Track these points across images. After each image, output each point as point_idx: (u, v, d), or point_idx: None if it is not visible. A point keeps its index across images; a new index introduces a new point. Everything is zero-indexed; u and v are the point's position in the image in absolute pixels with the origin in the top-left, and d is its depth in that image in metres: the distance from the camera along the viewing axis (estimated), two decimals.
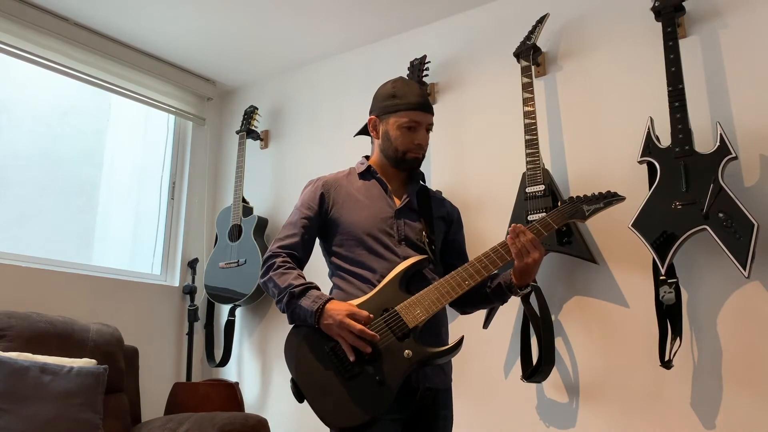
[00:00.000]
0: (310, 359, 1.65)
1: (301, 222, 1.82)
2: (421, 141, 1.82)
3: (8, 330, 2.48)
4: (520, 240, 1.68)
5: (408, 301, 1.66)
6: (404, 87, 1.84)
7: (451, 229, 1.93)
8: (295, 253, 1.80)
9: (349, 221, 1.80)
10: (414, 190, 1.88)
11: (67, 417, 2.37)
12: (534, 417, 2.57)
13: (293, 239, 1.80)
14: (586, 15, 2.78)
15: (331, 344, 1.63)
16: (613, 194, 1.79)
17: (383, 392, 1.57)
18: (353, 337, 1.59)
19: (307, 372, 1.64)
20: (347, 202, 1.83)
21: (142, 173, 3.85)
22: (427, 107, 1.83)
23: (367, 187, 1.86)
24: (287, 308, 1.69)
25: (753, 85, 2.33)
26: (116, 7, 3.18)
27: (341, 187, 1.86)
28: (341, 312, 1.61)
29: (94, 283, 3.22)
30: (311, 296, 1.66)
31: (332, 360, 1.62)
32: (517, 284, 1.74)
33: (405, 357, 1.60)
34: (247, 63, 3.73)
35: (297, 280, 1.70)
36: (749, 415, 2.15)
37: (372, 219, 1.79)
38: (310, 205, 1.84)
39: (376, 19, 3.24)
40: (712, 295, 2.28)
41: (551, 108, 2.79)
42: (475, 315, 2.71)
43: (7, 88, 3.25)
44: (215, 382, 3.19)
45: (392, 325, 1.63)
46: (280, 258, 1.77)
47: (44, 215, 3.31)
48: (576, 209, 1.77)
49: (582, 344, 2.52)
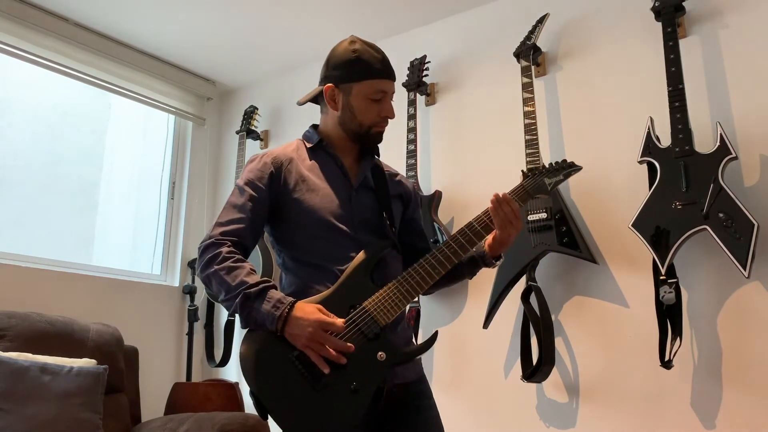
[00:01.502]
0: (272, 369, 1.42)
1: (247, 205, 1.55)
2: (388, 113, 1.61)
3: (8, 330, 2.48)
4: (503, 209, 1.55)
5: (376, 296, 1.48)
6: (367, 51, 1.60)
7: (409, 207, 1.76)
8: (241, 242, 1.54)
9: (303, 206, 1.56)
10: (368, 166, 1.67)
11: (67, 417, 2.37)
12: (534, 417, 2.57)
13: (239, 225, 1.53)
14: (586, 15, 2.78)
15: (296, 352, 1.42)
16: (570, 164, 1.70)
17: (357, 401, 1.40)
18: (327, 351, 1.39)
19: (270, 383, 1.41)
20: (300, 183, 1.58)
21: (142, 173, 3.85)
22: (392, 74, 1.62)
23: (321, 164, 1.63)
24: (241, 311, 1.45)
25: (753, 85, 2.33)
26: (117, 8, 3.18)
27: (293, 165, 1.61)
28: (311, 323, 1.39)
29: (94, 283, 3.22)
30: (272, 299, 1.43)
31: (299, 369, 1.41)
32: (491, 254, 1.64)
33: (378, 360, 1.43)
34: (247, 63, 3.73)
35: (250, 277, 1.46)
36: (749, 415, 2.15)
37: (328, 203, 1.57)
38: (258, 185, 1.57)
39: (376, 19, 3.24)
40: (712, 295, 2.28)
41: (551, 108, 2.79)
42: (475, 314, 2.72)
43: (7, 88, 3.25)
44: (215, 382, 3.19)
45: (362, 325, 1.44)
46: (225, 247, 1.50)
47: (44, 215, 3.31)
48: (539, 183, 1.65)
49: (582, 344, 2.52)
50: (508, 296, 2.58)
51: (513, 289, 2.57)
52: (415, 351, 1.50)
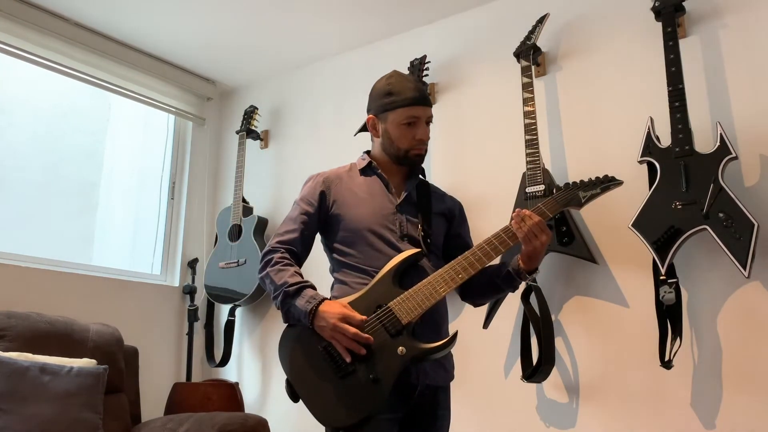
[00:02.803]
0: (303, 358, 1.65)
1: (300, 218, 1.81)
2: (422, 136, 1.79)
3: (8, 330, 2.48)
4: (526, 224, 1.65)
5: (401, 297, 1.64)
6: (400, 82, 1.80)
7: (453, 224, 1.91)
8: (293, 249, 1.78)
9: (350, 218, 1.78)
10: (413, 184, 1.86)
11: (67, 417, 2.37)
12: (534, 417, 2.57)
13: (292, 235, 1.79)
14: (586, 15, 2.78)
15: (324, 343, 1.63)
16: (611, 178, 1.73)
17: (377, 390, 1.56)
18: (347, 340, 1.58)
19: (301, 371, 1.64)
20: (348, 198, 1.81)
21: (142, 173, 3.85)
22: (424, 101, 1.79)
23: (368, 183, 1.84)
24: (282, 307, 1.69)
25: (753, 85, 2.33)
26: (116, 8, 3.18)
27: (342, 183, 1.84)
28: (334, 315, 1.60)
29: (94, 283, 3.22)
30: (306, 296, 1.65)
31: (325, 359, 1.62)
32: (525, 269, 1.71)
33: (398, 354, 1.59)
34: (247, 63, 3.73)
35: (293, 278, 1.69)
36: (749, 415, 2.15)
37: (373, 215, 1.77)
38: (310, 201, 1.82)
39: (376, 19, 3.24)
40: (712, 295, 2.28)
41: (551, 108, 2.79)
42: (475, 314, 2.71)
43: (8, 88, 3.26)
44: (215, 382, 3.19)
45: (385, 322, 1.62)
46: (278, 254, 1.75)
47: (44, 215, 3.31)
48: (572, 196, 1.73)
49: (582, 344, 2.52)
50: (508, 296, 2.57)
51: None
52: (434, 348, 1.62)
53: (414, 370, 1.65)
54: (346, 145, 3.40)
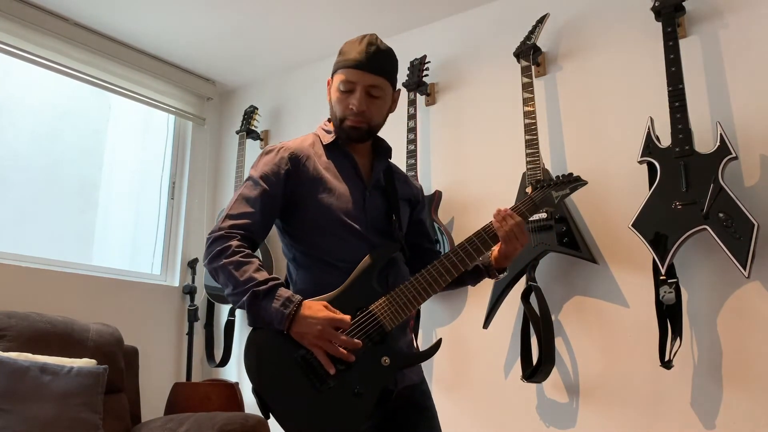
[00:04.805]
0: (276, 368, 1.41)
1: (260, 199, 1.53)
2: (354, 104, 1.55)
3: (8, 330, 2.48)
4: (507, 223, 1.56)
5: (383, 300, 1.48)
6: (353, 43, 1.58)
7: (416, 209, 1.77)
8: (250, 236, 1.52)
9: (316, 204, 1.55)
10: (381, 167, 1.68)
11: (67, 417, 2.37)
12: (534, 417, 2.57)
13: (250, 219, 1.52)
14: (586, 15, 2.78)
15: (302, 352, 1.41)
16: (576, 178, 1.69)
17: (360, 404, 1.40)
18: (334, 348, 1.39)
19: (274, 383, 1.41)
20: (316, 180, 1.57)
21: (142, 173, 3.85)
22: (364, 65, 1.54)
23: (335, 162, 1.62)
24: (249, 308, 1.43)
25: (753, 85, 2.33)
26: (116, 7, 3.18)
27: (310, 162, 1.59)
28: (320, 320, 1.39)
29: (94, 283, 3.22)
30: (280, 297, 1.42)
31: (303, 369, 1.40)
32: (496, 267, 1.66)
33: (383, 365, 1.43)
34: (247, 63, 3.73)
35: (259, 274, 1.44)
36: (749, 415, 2.15)
37: (343, 203, 1.56)
38: (272, 180, 1.55)
39: (376, 19, 3.24)
40: (712, 295, 2.28)
41: (551, 108, 2.79)
42: (474, 314, 2.72)
43: (7, 88, 3.25)
44: (215, 382, 3.19)
45: (368, 329, 1.45)
46: (234, 241, 1.48)
47: (44, 215, 3.31)
48: (545, 195, 1.66)
49: (582, 344, 2.52)
50: (508, 296, 2.58)
51: (513, 289, 2.57)
52: (419, 356, 1.52)
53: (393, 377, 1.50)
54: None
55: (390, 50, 1.60)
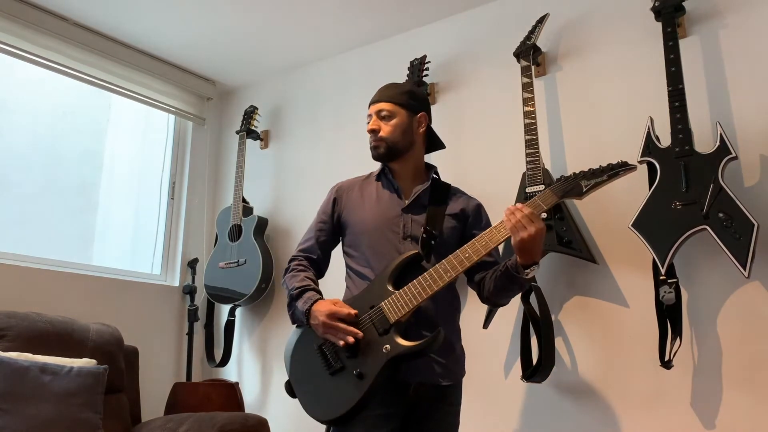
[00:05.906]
0: (301, 357, 1.78)
1: (317, 226, 1.99)
2: (369, 127, 1.91)
3: (8, 330, 2.48)
4: (515, 216, 1.64)
5: (392, 297, 1.71)
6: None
7: (468, 224, 1.93)
8: (311, 256, 1.95)
9: (354, 221, 1.90)
10: (423, 187, 1.92)
11: (67, 417, 2.37)
12: (534, 417, 2.57)
13: (309, 243, 1.97)
14: (586, 15, 2.78)
15: (320, 342, 1.75)
16: (622, 163, 1.66)
17: (361, 385, 1.63)
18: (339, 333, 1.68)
19: (298, 369, 1.78)
20: (356, 204, 1.93)
21: (142, 173, 3.85)
22: (375, 98, 1.94)
23: (378, 188, 1.96)
24: (288, 309, 1.85)
25: (753, 85, 2.33)
26: (116, 7, 3.18)
27: (353, 191, 1.97)
28: (322, 312, 1.71)
29: (94, 283, 3.23)
30: (305, 298, 1.79)
31: (318, 357, 1.74)
32: (521, 263, 1.67)
33: (383, 351, 1.65)
34: (247, 63, 3.73)
35: (300, 282, 1.83)
36: (749, 415, 2.15)
37: (378, 218, 1.87)
38: (325, 209, 2.00)
39: (376, 19, 3.24)
40: (712, 295, 2.28)
41: (551, 108, 2.79)
42: (475, 314, 2.71)
43: (7, 88, 3.26)
44: (215, 382, 3.19)
45: (375, 321, 1.70)
46: (296, 261, 1.93)
47: (44, 215, 3.31)
48: (572, 185, 1.67)
49: (582, 344, 2.52)
50: None
51: None
52: (415, 346, 1.64)
53: (404, 367, 1.69)
54: (345, 145, 3.40)
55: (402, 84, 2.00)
